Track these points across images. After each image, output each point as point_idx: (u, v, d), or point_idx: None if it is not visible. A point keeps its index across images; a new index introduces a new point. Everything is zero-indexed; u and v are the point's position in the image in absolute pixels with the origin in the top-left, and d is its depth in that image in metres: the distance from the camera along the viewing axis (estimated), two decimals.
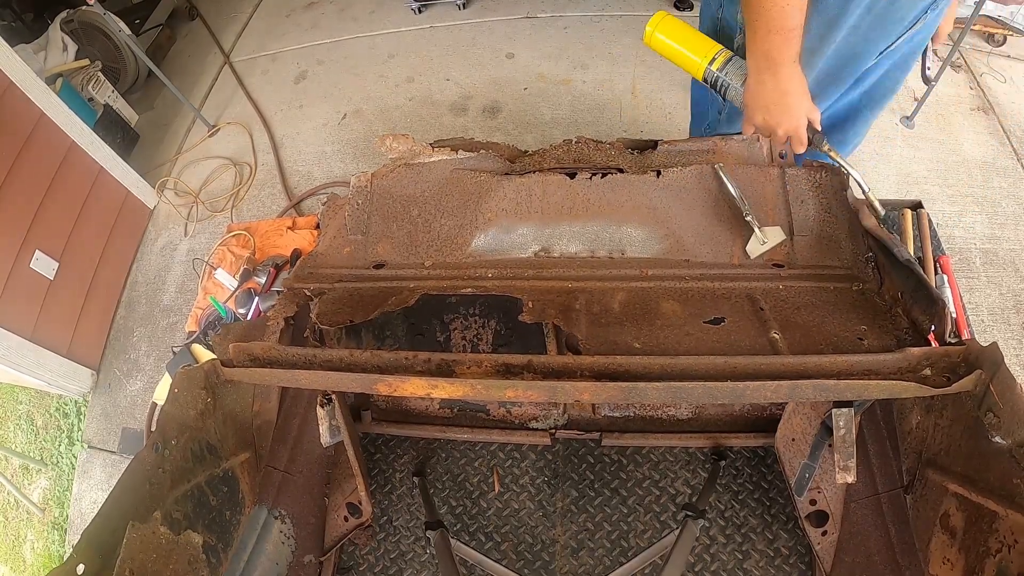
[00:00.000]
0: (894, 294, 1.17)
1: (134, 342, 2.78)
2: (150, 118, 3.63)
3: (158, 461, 0.99)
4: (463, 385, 0.94)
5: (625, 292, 1.29)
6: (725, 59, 1.19)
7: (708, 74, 1.22)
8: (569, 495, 1.54)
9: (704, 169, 1.36)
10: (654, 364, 0.97)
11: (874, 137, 2.73)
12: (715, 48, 1.21)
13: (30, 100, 2.44)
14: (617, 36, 3.43)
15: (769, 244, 1.34)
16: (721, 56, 1.20)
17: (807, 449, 1.30)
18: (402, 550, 1.52)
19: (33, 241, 2.44)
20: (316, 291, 1.36)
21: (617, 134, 2.08)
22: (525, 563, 1.48)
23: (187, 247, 2.99)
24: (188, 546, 1.03)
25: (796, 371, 0.95)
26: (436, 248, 1.44)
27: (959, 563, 0.98)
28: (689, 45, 1.24)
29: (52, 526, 2.52)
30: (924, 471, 1.13)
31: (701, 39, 1.24)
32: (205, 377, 1.12)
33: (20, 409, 2.83)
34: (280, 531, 1.35)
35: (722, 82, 1.20)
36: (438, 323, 1.65)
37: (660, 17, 1.27)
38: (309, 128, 3.36)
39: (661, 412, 1.56)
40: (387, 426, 1.61)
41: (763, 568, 1.40)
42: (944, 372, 0.94)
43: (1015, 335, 2.21)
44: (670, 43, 1.25)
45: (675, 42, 1.24)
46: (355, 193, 1.50)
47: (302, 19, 4.08)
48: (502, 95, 3.28)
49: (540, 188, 1.42)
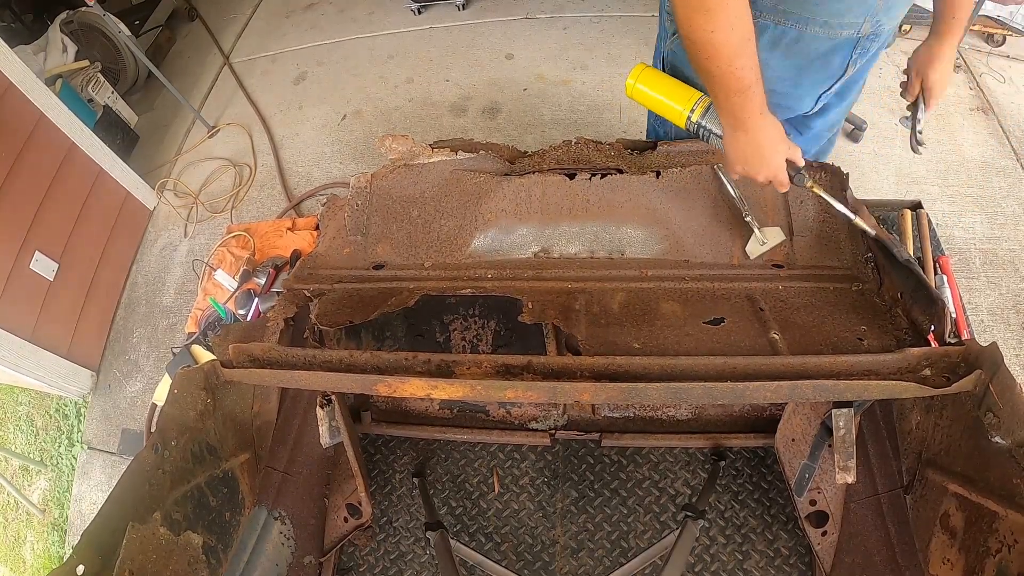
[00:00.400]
0: (894, 294, 1.18)
1: (134, 343, 2.78)
2: (150, 119, 3.63)
3: (158, 462, 0.99)
4: (463, 386, 0.95)
5: (625, 293, 1.30)
6: (704, 108, 1.20)
7: (690, 124, 1.22)
8: (569, 495, 1.54)
9: (703, 170, 1.36)
10: (654, 364, 0.97)
11: (874, 137, 2.74)
12: (695, 96, 1.21)
13: (30, 101, 2.44)
14: (617, 36, 3.43)
15: (769, 245, 1.34)
16: (700, 105, 1.20)
17: (807, 449, 1.30)
18: (402, 551, 1.52)
19: (33, 242, 2.44)
20: (316, 292, 1.36)
21: (617, 135, 2.07)
22: (525, 564, 1.47)
23: (187, 248, 2.99)
24: (188, 547, 1.03)
25: (796, 371, 0.95)
26: (436, 249, 1.44)
27: (959, 563, 0.98)
28: (670, 95, 1.24)
29: (52, 527, 2.52)
30: (924, 471, 1.13)
31: (681, 88, 1.24)
32: (205, 378, 1.12)
33: (20, 410, 2.83)
34: (280, 532, 1.35)
35: (703, 131, 1.22)
36: (438, 324, 1.65)
37: (640, 69, 1.27)
38: (309, 129, 3.36)
39: (661, 412, 1.56)
40: (387, 427, 1.61)
41: (763, 568, 1.40)
42: (944, 372, 0.94)
43: (1015, 335, 2.21)
44: (652, 94, 1.26)
45: (657, 93, 1.25)
46: (355, 194, 1.50)
47: (302, 20, 4.08)
48: (501, 96, 3.28)
49: (540, 189, 1.42)
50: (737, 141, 1.10)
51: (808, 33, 1.13)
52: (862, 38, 1.15)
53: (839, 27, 1.11)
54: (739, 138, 1.10)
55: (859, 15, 1.09)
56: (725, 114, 1.10)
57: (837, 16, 1.09)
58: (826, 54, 1.18)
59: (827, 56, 1.19)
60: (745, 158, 1.12)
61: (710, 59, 0.99)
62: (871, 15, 1.09)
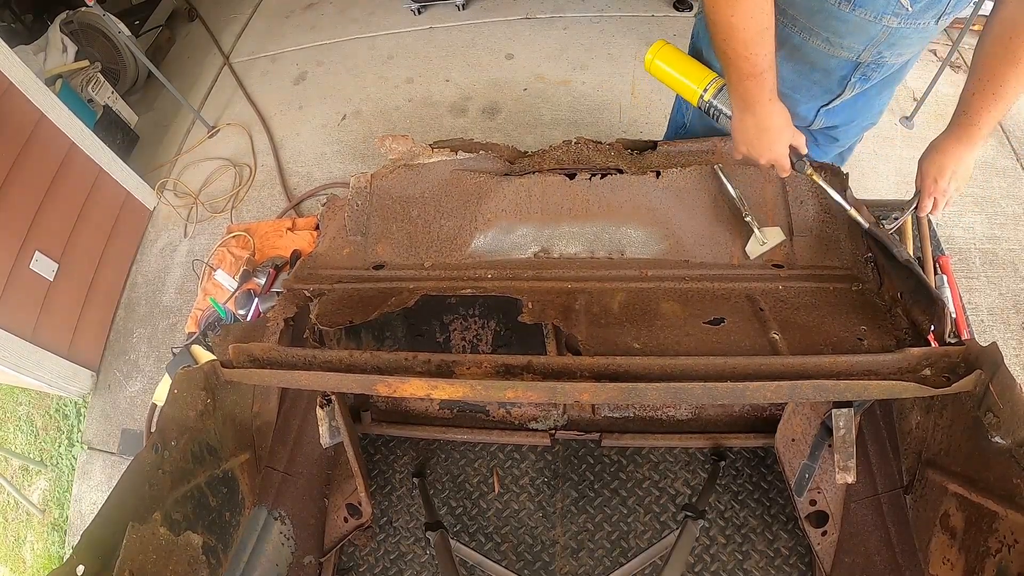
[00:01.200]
0: (894, 294, 1.17)
1: (134, 343, 2.78)
2: (150, 119, 3.63)
3: (158, 462, 0.99)
4: (463, 386, 0.95)
5: (625, 293, 1.30)
6: (717, 88, 1.25)
7: (702, 102, 1.28)
8: (569, 496, 1.54)
9: (703, 170, 1.36)
10: (654, 365, 0.97)
11: (874, 137, 2.73)
12: (709, 76, 1.26)
13: (30, 101, 2.45)
14: (616, 36, 3.43)
15: (769, 244, 1.34)
16: (714, 85, 1.25)
17: (807, 449, 1.30)
18: (402, 551, 1.52)
19: (33, 242, 2.44)
20: (316, 292, 1.36)
21: (616, 135, 2.06)
22: (525, 564, 1.47)
23: (187, 248, 2.99)
24: (188, 547, 1.03)
25: (796, 371, 0.95)
26: (436, 249, 1.44)
27: (959, 563, 0.98)
28: (686, 73, 1.29)
29: (52, 527, 2.52)
30: (924, 471, 1.12)
31: (697, 67, 1.29)
32: (205, 378, 1.12)
33: (20, 410, 2.83)
34: (280, 532, 1.35)
35: (714, 111, 1.26)
36: (438, 324, 1.65)
37: (660, 45, 1.32)
38: (309, 129, 3.36)
39: (661, 413, 1.56)
40: (387, 427, 1.61)
41: (763, 568, 1.40)
42: (944, 372, 0.94)
43: (1015, 335, 2.21)
44: (669, 70, 1.31)
45: (673, 70, 1.31)
46: (355, 194, 1.50)
47: (302, 20, 4.08)
48: (501, 96, 3.28)
49: (540, 189, 1.42)
50: (745, 123, 1.13)
51: (809, 44, 1.14)
52: (862, 64, 1.16)
53: (839, 47, 1.12)
54: (747, 120, 1.12)
55: (860, 41, 1.09)
56: (736, 96, 1.12)
57: (837, 36, 1.10)
58: (826, 69, 1.19)
59: (827, 71, 1.20)
60: (750, 140, 1.14)
61: (727, 41, 1.02)
62: (872, 45, 1.09)
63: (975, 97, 1.07)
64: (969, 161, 1.15)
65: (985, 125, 1.09)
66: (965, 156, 1.14)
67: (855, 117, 1.37)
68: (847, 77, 1.20)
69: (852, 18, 1.04)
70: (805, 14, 1.09)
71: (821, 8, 1.06)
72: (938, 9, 1.01)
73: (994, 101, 1.05)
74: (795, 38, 1.14)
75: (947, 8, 1.01)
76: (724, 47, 1.04)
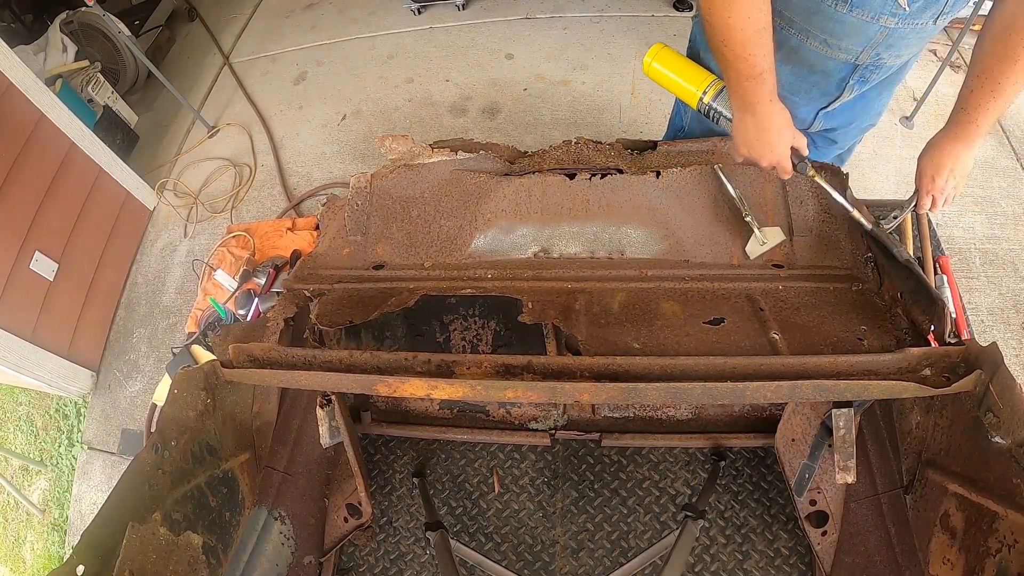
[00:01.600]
0: (894, 294, 1.18)
1: (134, 343, 2.78)
2: (150, 119, 3.63)
3: (158, 462, 0.99)
4: (463, 386, 0.95)
5: (625, 293, 1.30)
6: (716, 90, 1.23)
7: (701, 105, 1.26)
8: (569, 496, 1.54)
9: (703, 170, 1.36)
10: (654, 365, 0.97)
11: (874, 137, 2.72)
12: (708, 79, 1.25)
13: (30, 101, 2.44)
14: (616, 36, 3.43)
15: (769, 245, 1.34)
16: (713, 88, 1.24)
17: (807, 449, 1.30)
18: (402, 551, 1.52)
19: (33, 242, 2.44)
20: (316, 292, 1.36)
21: (616, 135, 2.06)
22: (525, 564, 1.47)
23: (187, 248, 2.99)
24: (188, 547, 1.03)
25: (796, 371, 0.95)
26: (436, 249, 1.44)
27: (959, 563, 0.98)
28: (685, 75, 1.28)
29: (52, 527, 2.52)
30: (924, 471, 1.12)
31: (696, 70, 1.28)
32: (205, 378, 1.12)
33: (20, 410, 2.83)
34: (280, 532, 1.35)
35: (714, 113, 1.25)
36: (438, 324, 1.65)
37: (657, 48, 1.31)
38: (309, 129, 3.36)
39: (661, 413, 1.56)
40: (387, 427, 1.61)
41: (763, 568, 1.40)
42: (944, 372, 0.94)
43: (1015, 335, 2.21)
44: (667, 74, 1.30)
45: (672, 73, 1.29)
46: (355, 194, 1.50)
47: (302, 20, 4.08)
48: (501, 96, 3.28)
49: (540, 189, 1.42)
50: (745, 124, 1.12)
51: (807, 46, 1.14)
52: (860, 66, 1.15)
53: (837, 48, 1.12)
54: (747, 121, 1.12)
55: (857, 43, 1.09)
56: (736, 98, 1.12)
57: (835, 38, 1.10)
58: (824, 71, 1.19)
59: (825, 73, 1.19)
60: (751, 142, 1.13)
61: (725, 43, 1.02)
62: (870, 46, 1.09)
63: (974, 95, 1.07)
64: (968, 159, 1.15)
65: (984, 123, 1.08)
66: (964, 154, 1.14)
67: (854, 119, 1.37)
68: (845, 79, 1.19)
69: (849, 19, 1.04)
70: (802, 16, 1.09)
71: (818, 9, 1.06)
72: (936, 9, 1.01)
73: (992, 99, 1.05)
74: (793, 40, 1.14)
75: (945, 8, 1.01)
76: (722, 49, 1.03)
